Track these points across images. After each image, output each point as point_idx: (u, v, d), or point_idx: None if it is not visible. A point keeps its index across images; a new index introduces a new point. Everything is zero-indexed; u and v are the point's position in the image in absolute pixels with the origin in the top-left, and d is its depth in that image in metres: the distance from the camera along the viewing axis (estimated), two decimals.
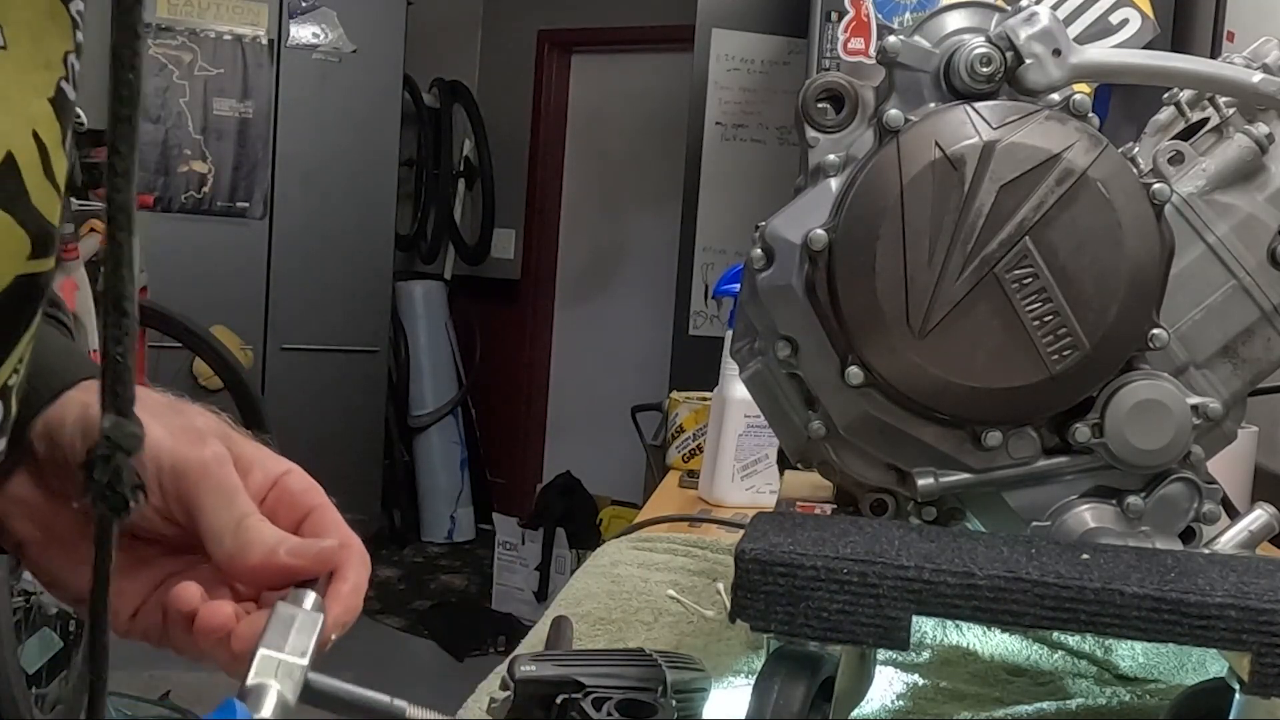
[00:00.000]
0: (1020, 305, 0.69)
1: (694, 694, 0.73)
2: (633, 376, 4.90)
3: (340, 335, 4.60)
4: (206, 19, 4.43)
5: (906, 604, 0.59)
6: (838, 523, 0.67)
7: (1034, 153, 0.69)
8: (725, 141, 3.45)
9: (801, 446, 0.78)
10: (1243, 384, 0.77)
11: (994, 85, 0.72)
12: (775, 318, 0.73)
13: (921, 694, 0.88)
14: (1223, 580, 0.59)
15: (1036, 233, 0.69)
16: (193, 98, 4.42)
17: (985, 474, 0.74)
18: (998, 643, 0.98)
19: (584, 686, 0.68)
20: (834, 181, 0.73)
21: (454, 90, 5.48)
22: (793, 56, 3.29)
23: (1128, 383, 0.72)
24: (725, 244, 3.42)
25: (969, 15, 0.75)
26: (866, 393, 0.72)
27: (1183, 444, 0.73)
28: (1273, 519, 0.76)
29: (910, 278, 0.69)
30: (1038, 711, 0.85)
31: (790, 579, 0.59)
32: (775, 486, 1.32)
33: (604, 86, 5.49)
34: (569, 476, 4.57)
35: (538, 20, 5.46)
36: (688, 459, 1.73)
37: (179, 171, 4.42)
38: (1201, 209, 0.76)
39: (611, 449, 4.52)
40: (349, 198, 4.74)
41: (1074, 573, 0.59)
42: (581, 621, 1.01)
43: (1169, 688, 0.90)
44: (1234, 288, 0.76)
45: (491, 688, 0.76)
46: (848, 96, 0.75)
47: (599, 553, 1.29)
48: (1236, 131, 0.78)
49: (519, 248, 5.60)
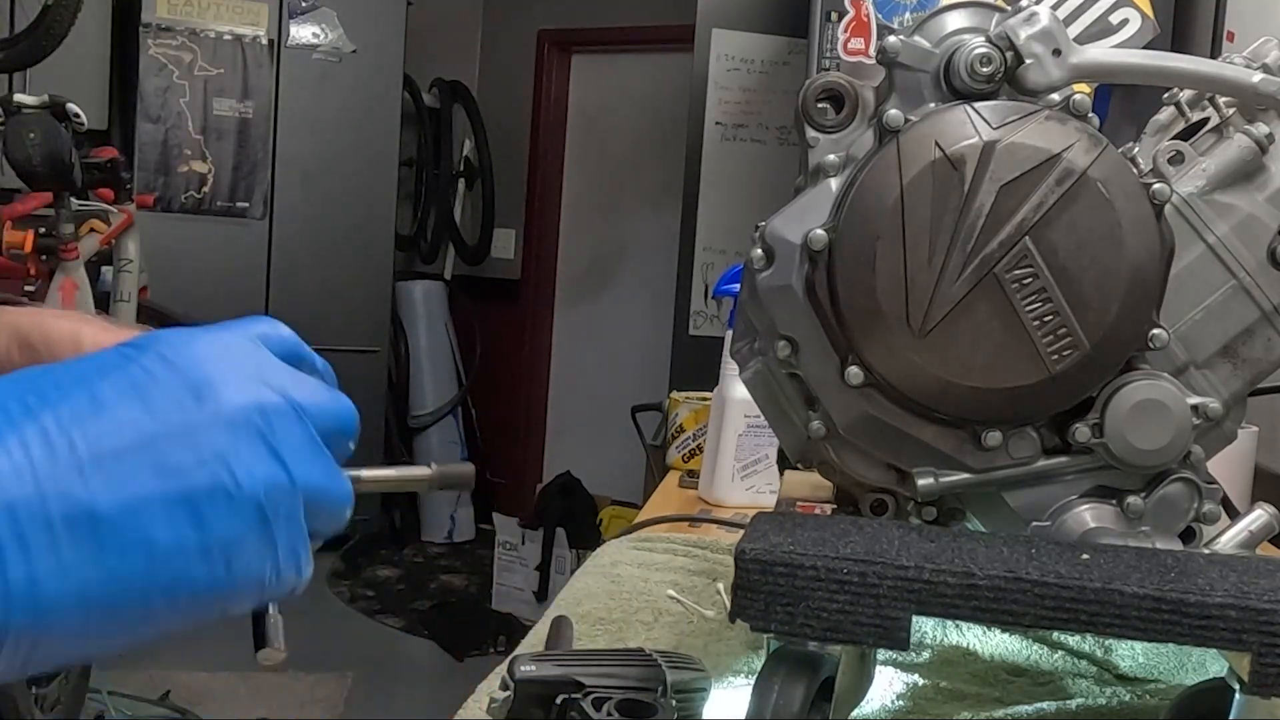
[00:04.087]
0: (1020, 305, 0.69)
1: (694, 694, 0.73)
2: (633, 376, 4.90)
3: (340, 335, 4.60)
4: (206, 19, 4.43)
5: (906, 604, 0.59)
6: (838, 523, 0.67)
7: (1034, 153, 0.69)
8: (725, 141, 3.45)
9: (801, 446, 0.78)
10: (1243, 384, 0.77)
11: (994, 85, 0.72)
12: (775, 318, 0.73)
13: (921, 694, 0.88)
14: (1223, 580, 0.59)
15: (1036, 233, 0.69)
16: (193, 98, 4.43)
17: (985, 474, 0.74)
18: (998, 643, 0.98)
19: (584, 686, 0.68)
20: (834, 181, 0.73)
21: (454, 90, 5.48)
22: (793, 56, 3.29)
23: (1128, 383, 0.72)
24: (725, 244, 3.42)
25: (969, 15, 0.75)
26: (866, 393, 0.72)
27: (1183, 444, 0.73)
28: (1273, 519, 0.76)
29: (910, 278, 0.69)
30: (1038, 711, 0.85)
31: (790, 579, 0.59)
32: (775, 486, 1.32)
33: (604, 86, 5.49)
34: (569, 476, 4.57)
35: (538, 20, 5.47)
36: (688, 459, 1.73)
37: (179, 171, 4.42)
38: (1201, 209, 0.76)
39: (611, 449, 4.52)
40: (349, 198, 4.74)
41: (1074, 573, 0.59)
42: (581, 621, 1.01)
43: (1169, 688, 0.90)
44: (1234, 288, 0.76)
45: (491, 688, 0.76)
46: (848, 96, 0.75)
47: (599, 553, 1.29)
48: (1236, 131, 0.78)
49: (519, 248, 5.60)
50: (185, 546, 0.37)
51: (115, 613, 0.36)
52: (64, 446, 0.35)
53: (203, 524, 0.37)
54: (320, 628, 4.06)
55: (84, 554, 0.35)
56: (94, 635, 0.36)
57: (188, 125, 4.43)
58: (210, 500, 0.37)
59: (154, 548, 0.36)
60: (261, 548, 0.39)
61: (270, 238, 4.61)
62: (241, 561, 0.38)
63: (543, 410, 5.63)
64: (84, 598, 0.35)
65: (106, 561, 0.35)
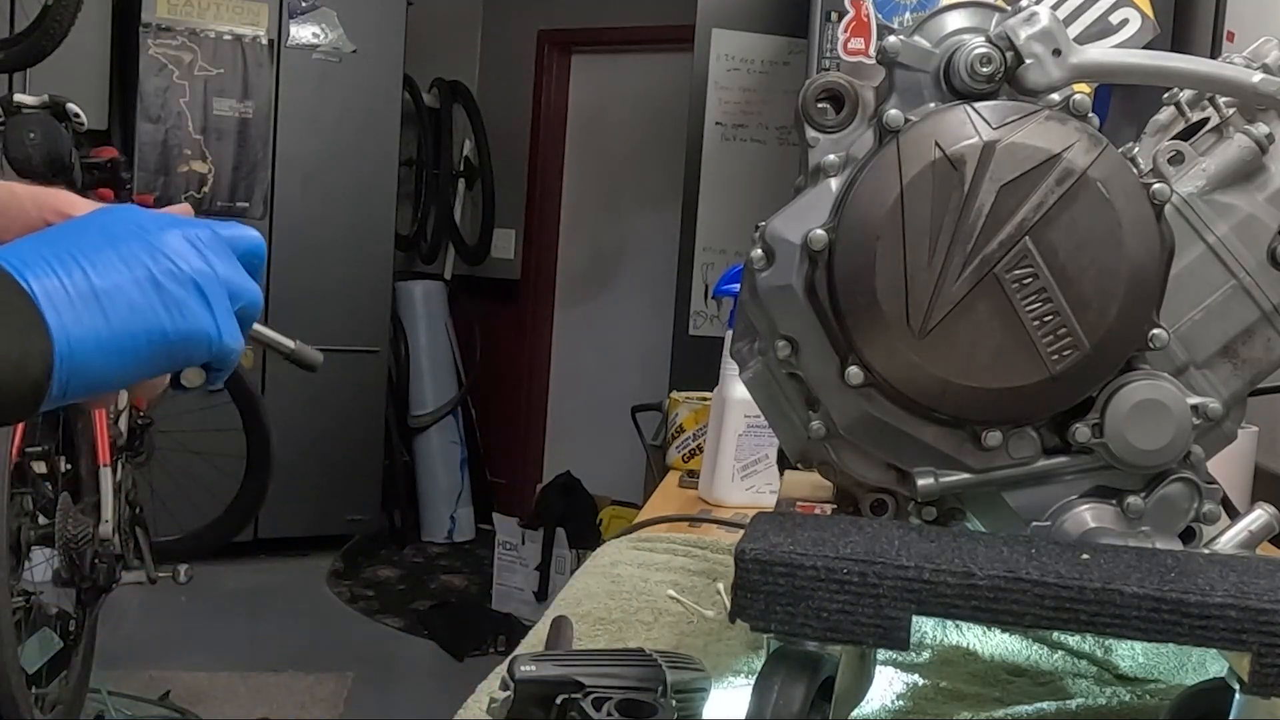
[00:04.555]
0: (1020, 305, 0.69)
1: (694, 694, 0.74)
2: (633, 376, 4.90)
3: (340, 335, 4.60)
4: (206, 19, 4.43)
5: (906, 604, 0.59)
6: (838, 523, 0.67)
7: (1034, 153, 0.69)
8: (725, 141, 3.45)
9: (801, 446, 0.78)
10: (1243, 384, 0.77)
11: (994, 85, 0.72)
12: (775, 318, 0.73)
13: (921, 694, 0.88)
14: (1223, 580, 0.59)
15: (1036, 233, 0.69)
16: (193, 98, 4.42)
17: (985, 474, 0.74)
18: (998, 643, 0.98)
19: (584, 686, 0.68)
20: (834, 181, 0.73)
21: (454, 90, 5.48)
22: (793, 56, 3.29)
23: (1128, 383, 0.72)
24: (725, 244, 3.42)
25: (969, 15, 0.75)
26: (866, 393, 0.72)
27: (1183, 444, 0.73)
28: (1273, 519, 0.76)
29: (910, 278, 0.69)
30: (1038, 711, 0.85)
31: (790, 579, 0.59)
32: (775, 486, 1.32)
33: (604, 86, 5.49)
34: (569, 476, 4.57)
35: (538, 20, 5.47)
36: (688, 459, 1.73)
37: (179, 171, 4.42)
38: (1201, 209, 0.76)
39: (611, 449, 4.52)
40: (349, 198, 4.74)
41: (1074, 573, 0.59)
42: (581, 621, 1.01)
43: (1169, 688, 0.90)
44: (1234, 288, 0.76)
45: (491, 688, 0.76)
46: (848, 96, 0.75)
47: (599, 553, 1.29)
48: (1236, 131, 0.78)
49: (519, 248, 5.60)
50: (152, 304, 0.59)
51: (118, 352, 0.57)
52: (77, 264, 0.58)
53: (160, 290, 0.59)
54: (320, 628, 4.06)
55: (94, 315, 0.57)
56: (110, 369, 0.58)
57: (188, 125, 4.42)
58: (165, 276, 0.59)
59: (133, 305, 0.58)
60: (201, 309, 0.60)
61: (270, 238, 4.61)
62: (190, 315, 0.60)
63: (543, 410, 5.63)
64: (98, 341, 0.57)
65: (107, 316, 0.57)
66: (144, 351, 0.58)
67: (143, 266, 0.59)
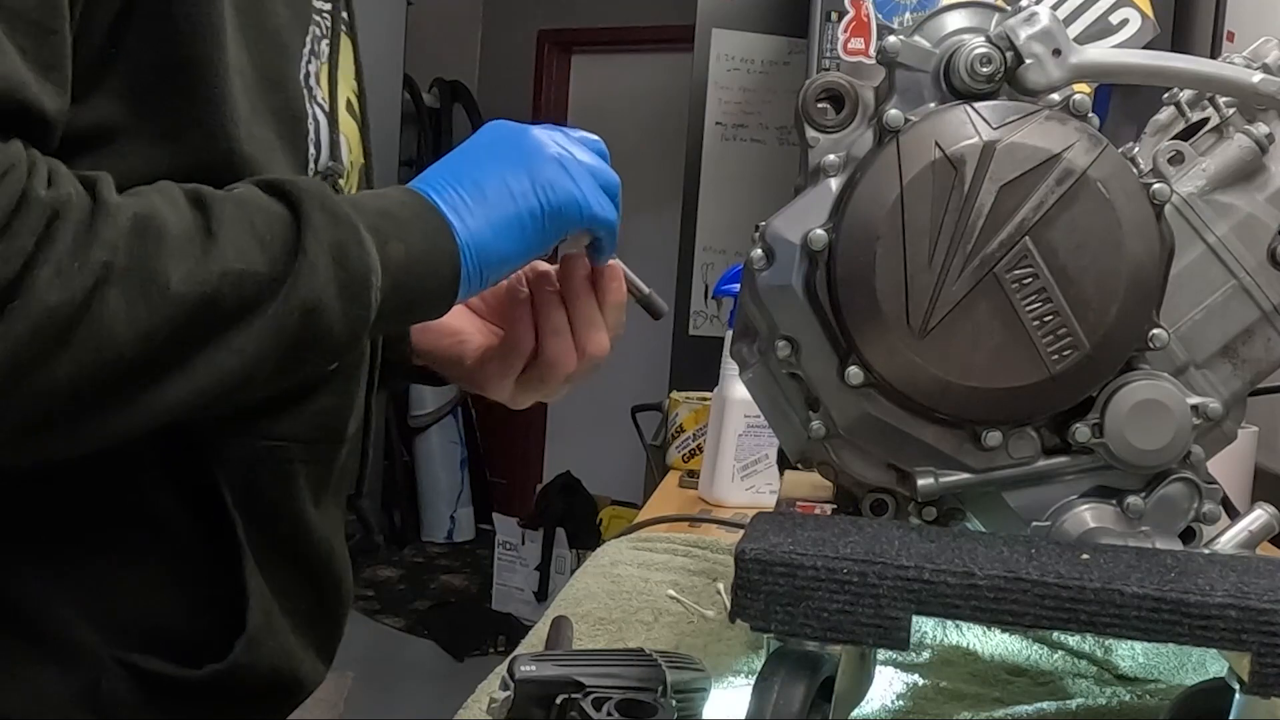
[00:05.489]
0: (1020, 305, 0.69)
1: (694, 694, 0.74)
2: (633, 376, 4.89)
3: None
4: None
5: (906, 604, 0.59)
6: (838, 523, 0.67)
7: (1034, 153, 0.69)
8: (725, 141, 3.45)
9: (801, 446, 0.78)
10: (1243, 384, 0.77)
11: (994, 85, 0.72)
12: (775, 318, 0.73)
13: (921, 694, 0.88)
14: (1223, 580, 0.59)
15: (1036, 233, 0.69)
16: None
17: (985, 474, 0.74)
18: (998, 643, 0.98)
19: (584, 686, 0.68)
20: (834, 181, 0.73)
21: (454, 90, 5.48)
22: (793, 56, 3.29)
23: (1128, 383, 0.72)
24: (725, 244, 3.42)
25: (969, 15, 0.75)
26: (866, 393, 0.72)
27: (1183, 444, 0.73)
28: (1273, 519, 0.76)
29: (910, 278, 0.69)
30: (1038, 711, 0.85)
31: (790, 579, 0.59)
32: (775, 486, 1.32)
33: (604, 86, 5.49)
34: (569, 476, 4.57)
35: (538, 20, 5.47)
36: (688, 459, 1.73)
37: None
38: (1201, 209, 0.76)
39: (611, 449, 4.52)
40: None
41: (1074, 573, 0.59)
42: (581, 621, 1.01)
43: (1169, 688, 0.90)
44: (1234, 288, 0.76)
45: (491, 688, 0.76)
46: (848, 96, 0.75)
47: (599, 553, 1.29)
48: (1236, 131, 0.78)
49: None
50: (525, 190, 0.72)
51: (509, 233, 0.71)
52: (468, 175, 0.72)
53: (533, 174, 0.72)
54: None
55: (483, 207, 0.71)
56: (505, 248, 0.71)
57: None
58: (533, 163, 0.72)
59: (512, 192, 0.71)
60: (567, 182, 0.73)
61: None
62: (559, 189, 0.72)
63: (543, 410, 5.62)
64: (493, 226, 0.70)
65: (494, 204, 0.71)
66: (529, 228, 0.72)
67: (515, 162, 0.72)
